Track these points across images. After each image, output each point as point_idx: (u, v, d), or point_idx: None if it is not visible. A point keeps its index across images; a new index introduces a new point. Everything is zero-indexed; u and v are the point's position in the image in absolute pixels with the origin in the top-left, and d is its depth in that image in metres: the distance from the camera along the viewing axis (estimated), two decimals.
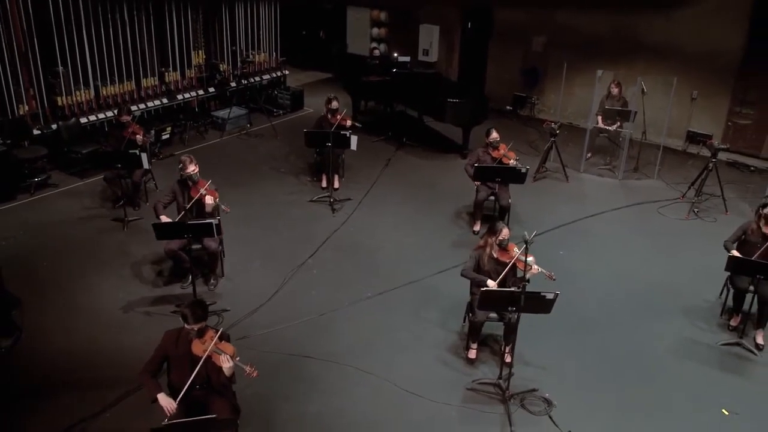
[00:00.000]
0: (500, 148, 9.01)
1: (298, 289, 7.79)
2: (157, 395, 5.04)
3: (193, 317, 5.03)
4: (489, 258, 6.57)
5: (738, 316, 7.26)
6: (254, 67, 13.70)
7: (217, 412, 4.80)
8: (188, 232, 6.85)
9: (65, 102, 10.70)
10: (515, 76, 14.25)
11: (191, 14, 12.37)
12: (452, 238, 9.03)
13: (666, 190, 10.71)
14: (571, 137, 12.39)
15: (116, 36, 11.23)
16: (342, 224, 9.28)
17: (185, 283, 7.70)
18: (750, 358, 6.84)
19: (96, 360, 6.54)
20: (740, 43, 11.52)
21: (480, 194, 9.02)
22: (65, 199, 9.85)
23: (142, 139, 9.38)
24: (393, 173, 11.14)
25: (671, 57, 12.00)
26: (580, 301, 7.53)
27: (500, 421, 5.91)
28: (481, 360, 6.68)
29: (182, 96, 12.36)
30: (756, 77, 11.52)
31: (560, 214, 9.70)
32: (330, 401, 6.10)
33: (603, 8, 12.61)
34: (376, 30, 16.08)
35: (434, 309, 7.46)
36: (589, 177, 11.23)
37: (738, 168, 11.70)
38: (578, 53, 12.67)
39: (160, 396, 5.03)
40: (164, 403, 4.99)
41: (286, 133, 12.67)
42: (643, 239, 9.21)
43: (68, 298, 7.49)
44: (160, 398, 5.02)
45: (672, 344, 7.01)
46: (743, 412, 6.10)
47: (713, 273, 7.74)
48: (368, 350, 6.77)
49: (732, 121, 11.96)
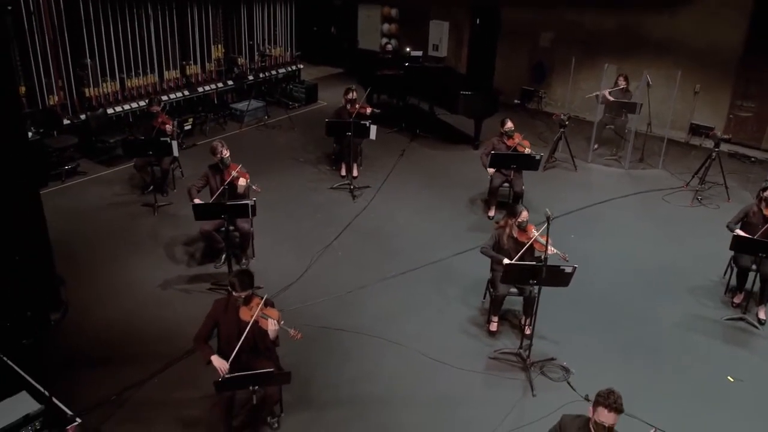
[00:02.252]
0: (515, 137, 9.43)
1: (324, 269, 8.21)
2: (211, 357, 5.44)
3: (241, 285, 5.44)
4: (508, 237, 7.00)
5: (741, 294, 7.70)
6: (271, 61, 14.11)
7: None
8: (226, 213, 7.27)
9: (92, 93, 11.12)
10: (523, 71, 14.70)
11: (211, 10, 12.79)
12: (468, 223, 9.46)
13: (670, 179, 11.15)
14: (578, 129, 12.82)
15: (141, 30, 11.67)
16: (363, 210, 9.71)
17: (218, 262, 8.12)
18: (753, 332, 7.28)
19: (139, 334, 6.95)
20: (741, 38, 11.98)
21: (495, 181, 9.45)
22: (95, 187, 10.25)
23: (171, 129, 9.78)
24: (408, 163, 11.57)
25: (675, 52, 12.44)
26: (591, 281, 7.95)
27: (522, 386, 6.35)
28: (501, 333, 7.11)
29: (202, 89, 12.78)
30: (756, 72, 11.98)
31: (570, 201, 10.13)
32: (362, 369, 6.54)
33: (609, 5, 13.05)
34: (386, 26, 16.50)
35: (455, 287, 7.90)
36: (596, 167, 11.67)
37: (739, 159, 12.15)
38: (584, 49, 13.10)
39: (214, 358, 5.44)
40: (218, 363, 5.40)
41: (303, 125, 13.10)
42: (649, 224, 9.65)
43: (108, 277, 7.90)
44: (214, 360, 5.43)
45: (679, 319, 7.45)
46: (747, 380, 6.54)
47: (717, 255, 8.23)
48: (395, 324, 7.20)
49: (733, 114, 12.41)
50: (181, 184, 10.20)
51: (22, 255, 6.54)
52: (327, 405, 6.07)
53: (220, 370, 5.36)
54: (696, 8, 12.27)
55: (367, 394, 6.23)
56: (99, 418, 5.80)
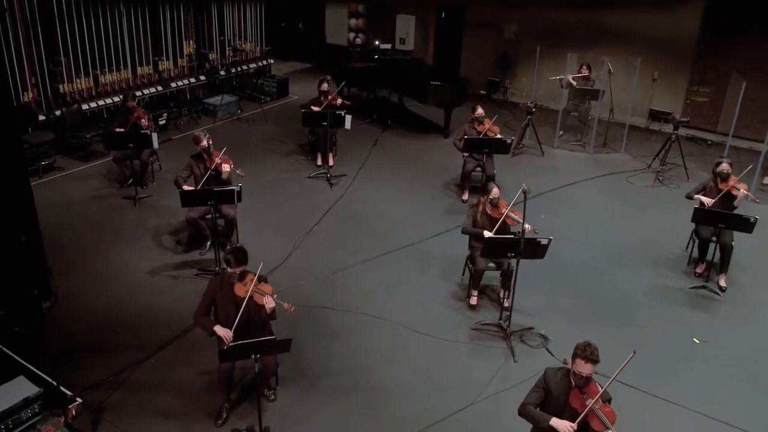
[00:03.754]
0: (485, 123, 9.81)
1: (308, 252, 8.47)
2: (214, 328, 5.65)
3: (236, 261, 5.67)
4: (482, 214, 7.37)
5: (703, 264, 8.18)
6: (242, 56, 14.29)
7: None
8: (212, 199, 7.48)
9: (66, 89, 11.18)
10: (489, 62, 15.11)
11: (182, 7, 12.93)
12: (444, 207, 9.82)
13: (633, 162, 11.68)
14: (543, 117, 13.27)
15: (114, 27, 11.76)
16: (341, 197, 9.99)
17: (204, 249, 8.32)
18: (715, 298, 7.77)
19: (131, 319, 7.11)
20: (696, 26, 12.56)
21: (468, 165, 9.81)
22: (73, 182, 10.32)
23: (147, 123, 9.91)
24: (382, 152, 11.88)
25: (634, 41, 12.97)
26: (563, 256, 8.32)
27: (504, 353, 6.71)
28: (481, 306, 7.47)
29: (175, 84, 12.90)
30: (711, 58, 12.58)
31: (539, 184, 10.53)
32: (350, 344, 6.83)
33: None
34: (353, 21, 16.76)
35: (434, 265, 8.23)
36: (562, 152, 12.14)
37: (696, 142, 12.73)
38: (548, 40, 13.54)
39: (217, 327, 5.64)
40: (221, 332, 5.61)
41: (275, 118, 13.31)
42: (615, 204, 10.13)
43: (94, 267, 8.04)
44: (217, 329, 5.63)
45: (646, 289, 7.91)
46: (711, 341, 7.01)
47: (679, 230, 8.77)
48: (379, 301, 7.51)
49: (690, 99, 13.01)
50: (160, 177, 10.36)
51: (14, 243, 6.67)
52: (320, 376, 6.35)
53: (225, 338, 5.55)
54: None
55: (357, 365, 6.53)
56: (99, 397, 5.97)
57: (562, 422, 4.53)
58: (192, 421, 5.77)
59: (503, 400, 5.99)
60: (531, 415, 4.70)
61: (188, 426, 5.73)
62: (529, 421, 4.75)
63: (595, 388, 4.58)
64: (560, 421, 4.54)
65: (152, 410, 5.88)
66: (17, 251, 6.70)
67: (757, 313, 7.54)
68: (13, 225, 6.71)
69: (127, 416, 5.80)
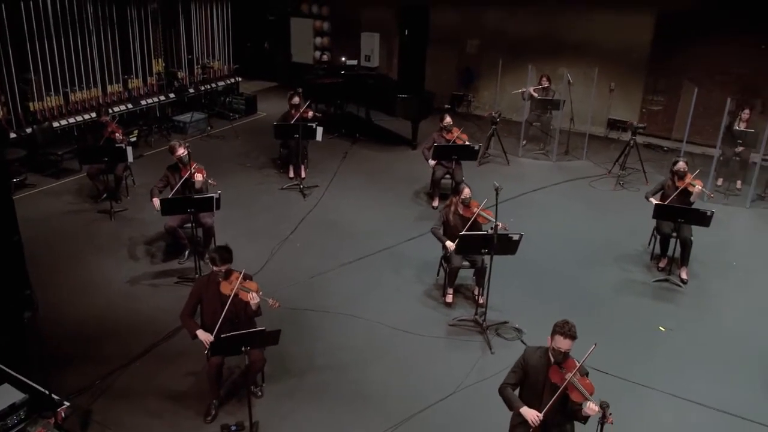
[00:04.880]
0: (453, 131, 10.15)
1: (285, 259, 8.65)
2: (197, 332, 5.83)
3: (221, 259, 5.85)
4: (454, 214, 7.67)
5: (665, 259, 8.59)
6: (211, 74, 14.47)
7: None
8: (192, 206, 7.63)
9: (37, 107, 11.22)
10: (452, 76, 15.55)
11: (151, 25, 13.09)
12: (415, 214, 10.10)
13: (594, 168, 12.14)
14: (507, 129, 13.69)
15: (83, 45, 11.86)
16: (314, 206, 10.20)
17: (182, 258, 8.44)
18: (677, 290, 8.17)
19: (113, 325, 7.20)
20: (648, 38, 13.18)
21: (437, 173, 10.13)
22: (46, 198, 10.34)
23: (121, 137, 10.01)
24: (352, 164, 12.15)
25: (591, 53, 13.51)
26: (533, 256, 8.61)
27: (481, 346, 6.97)
28: (456, 304, 7.74)
29: (145, 102, 13.01)
30: (663, 69, 13.20)
31: (506, 191, 10.65)
32: (332, 342, 7.02)
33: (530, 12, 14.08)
34: (319, 39, 17.08)
35: (409, 268, 8.48)
36: (526, 161, 12.56)
37: (653, 149, 13.29)
38: (509, 54, 13.99)
39: (199, 332, 5.83)
40: (203, 337, 5.80)
41: (246, 134, 13.50)
42: (579, 206, 10.55)
43: (73, 278, 8.09)
44: (199, 333, 5.82)
45: (613, 284, 8.28)
46: (676, 329, 7.38)
47: (641, 229, 9.18)
48: (357, 302, 7.72)
49: (646, 108, 13.59)
50: (134, 191, 10.44)
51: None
52: (304, 372, 6.53)
53: (205, 343, 5.77)
54: (607, 13, 13.39)
55: (339, 361, 6.72)
56: (86, 401, 6.04)
57: (531, 411, 4.82)
58: (181, 419, 5.89)
59: (482, 390, 6.24)
60: (507, 397, 4.98)
61: (178, 424, 5.84)
62: (504, 402, 5.00)
63: (573, 363, 4.85)
64: (529, 411, 4.83)
65: (141, 410, 5.99)
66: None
67: (717, 302, 7.97)
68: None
69: (116, 417, 5.89)
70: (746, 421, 6.03)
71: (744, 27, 12.08)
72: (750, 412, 6.11)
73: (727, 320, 7.61)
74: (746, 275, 8.59)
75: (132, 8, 12.69)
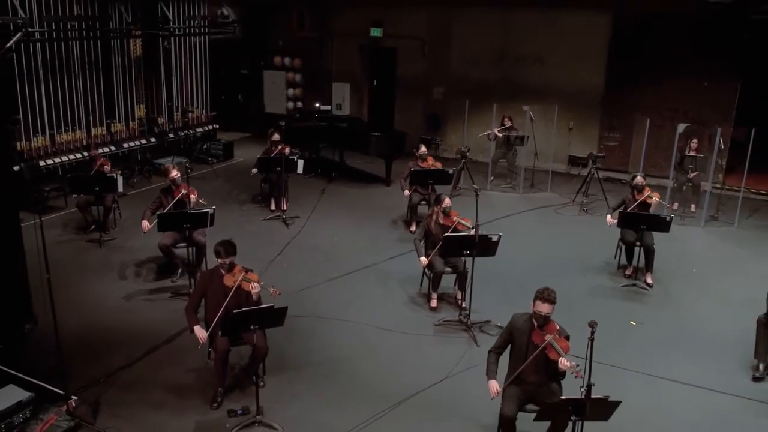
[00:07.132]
0: (428, 160, 10.81)
1: (273, 276, 8.96)
2: (194, 327, 6.24)
3: (225, 252, 6.28)
4: (435, 224, 8.21)
5: (631, 267, 9.24)
6: (190, 120, 15.03)
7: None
8: (187, 222, 8.04)
9: (24, 147, 11.59)
10: (420, 121, 16.37)
11: (134, 73, 13.69)
12: (394, 237, 10.63)
13: (559, 198, 12.91)
14: (474, 168, 14.40)
15: (70, 89, 12.36)
16: (298, 233, 10.67)
17: (175, 277, 8.77)
18: (644, 293, 8.81)
19: (113, 334, 7.48)
20: (601, 80, 14.22)
21: (413, 199, 10.72)
22: (34, 231, 10.54)
23: (111, 169, 10.43)
24: (330, 198, 12.70)
25: (549, 96, 14.42)
26: (507, 270, 9.16)
27: (467, 341, 7.44)
28: (441, 308, 8.20)
29: (127, 145, 13.46)
30: (616, 107, 14.21)
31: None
32: (325, 342, 7.42)
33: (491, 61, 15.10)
34: (291, 90, 17.83)
35: (393, 280, 8.97)
36: (495, 193, 13.28)
37: (611, 182, 14.13)
38: (473, 99, 14.85)
39: (196, 328, 6.25)
40: (198, 333, 6.20)
41: (225, 176, 14.00)
42: (547, 229, 11.23)
43: (69, 297, 8.23)
44: (196, 329, 6.24)
45: (585, 289, 8.87)
46: (646, 323, 7.98)
47: (606, 244, 9.84)
48: (346, 309, 8.15)
49: (603, 144, 14.50)
50: (122, 224, 10.77)
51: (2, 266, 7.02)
52: (302, 366, 6.91)
53: (199, 338, 6.17)
54: (562, 58, 14.44)
55: (334, 357, 7.11)
56: (94, 395, 6.29)
57: (493, 384, 5.46)
58: (187, 407, 6.18)
59: (470, 378, 6.67)
60: (488, 364, 5.62)
61: (184, 411, 6.12)
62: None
63: (554, 326, 5.36)
64: (492, 383, 5.48)
65: (147, 401, 6.27)
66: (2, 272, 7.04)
67: (679, 301, 8.66)
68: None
69: (124, 408, 6.15)
70: (710, 391, 6.67)
71: (687, 65, 13.20)
72: (714, 384, 6.75)
73: (690, 313, 8.28)
74: (704, 280, 9.30)
75: (116, 56, 13.28)
